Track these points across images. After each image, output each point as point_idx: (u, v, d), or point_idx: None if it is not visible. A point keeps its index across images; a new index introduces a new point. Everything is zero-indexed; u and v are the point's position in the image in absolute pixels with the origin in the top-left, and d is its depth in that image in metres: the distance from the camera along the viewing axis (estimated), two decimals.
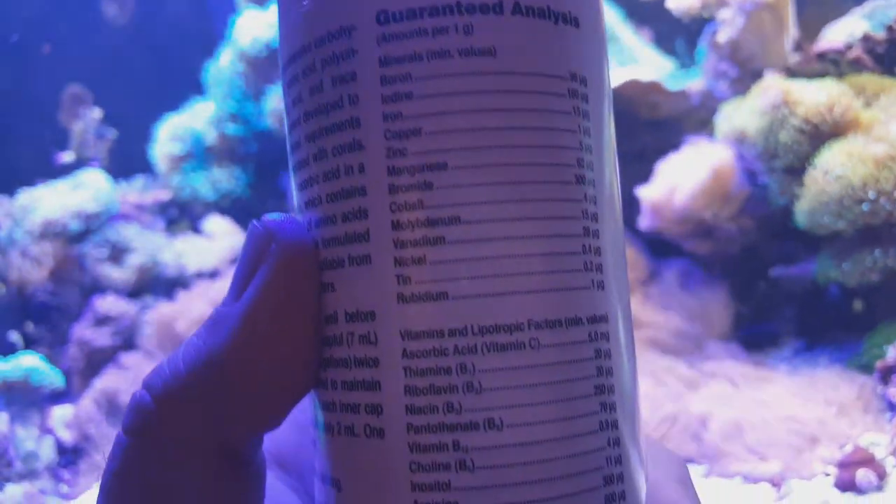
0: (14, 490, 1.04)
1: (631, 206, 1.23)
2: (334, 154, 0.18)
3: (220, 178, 1.57)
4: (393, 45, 0.18)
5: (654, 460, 0.21)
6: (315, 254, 0.18)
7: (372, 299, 0.18)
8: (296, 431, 0.23)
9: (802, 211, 0.98)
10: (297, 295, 0.18)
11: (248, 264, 0.18)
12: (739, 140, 1.05)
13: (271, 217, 0.19)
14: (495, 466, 0.17)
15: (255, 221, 0.19)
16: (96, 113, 1.75)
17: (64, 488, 1.12)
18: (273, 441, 0.23)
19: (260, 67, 1.57)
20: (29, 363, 1.24)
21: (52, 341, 1.39)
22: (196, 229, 1.57)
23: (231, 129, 1.57)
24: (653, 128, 1.31)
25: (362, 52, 0.18)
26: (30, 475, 1.12)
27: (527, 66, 0.18)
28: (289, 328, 0.18)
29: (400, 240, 0.17)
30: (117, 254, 1.45)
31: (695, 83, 1.23)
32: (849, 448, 0.84)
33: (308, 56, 0.19)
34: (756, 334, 1.19)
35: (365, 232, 0.18)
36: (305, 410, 0.20)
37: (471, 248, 0.17)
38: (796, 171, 1.02)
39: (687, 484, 0.22)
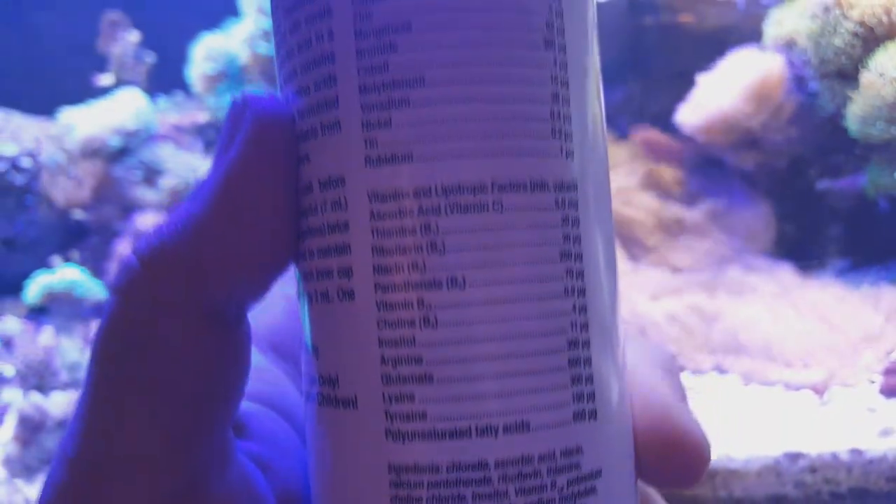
0: (60, 398, 1.07)
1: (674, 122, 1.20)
2: (307, 23, 0.19)
3: None
4: None
5: (637, 348, 0.21)
6: (290, 124, 0.19)
7: (342, 164, 0.18)
8: (293, 321, 0.24)
9: (854, 116, 0.95)
10: (270, 161, 0.19)
11: (227, 136, 0.19)
12: (788, 46, 1.01)
13: (249, 90, 0.19)
14: (458, 323, 0.17)
15: (234, 95, 0.19)
16: (134, 36, 1.74)
17: None
18: (270, 330, 0.24)
19: None
20: (72, 276, 1.27)
21: (94, 258, 1.41)
22: None
23: (263, 47, 1.56)
24: (698, 42, 1.27)
25: None
26: (74, 384, 1.15)
27: None
28: (263, 195, 0.19)
29: (367, 103, 0.18)
30: (151, 175, 1.46)
31: None
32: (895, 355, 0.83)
33: None
34: (799, 253, 1.17)
35: (334, 98, 0.18)
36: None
37: (435, 110, 0.18)
38: (848, 76, 0.98)
39: (672, 371, 0.21)
